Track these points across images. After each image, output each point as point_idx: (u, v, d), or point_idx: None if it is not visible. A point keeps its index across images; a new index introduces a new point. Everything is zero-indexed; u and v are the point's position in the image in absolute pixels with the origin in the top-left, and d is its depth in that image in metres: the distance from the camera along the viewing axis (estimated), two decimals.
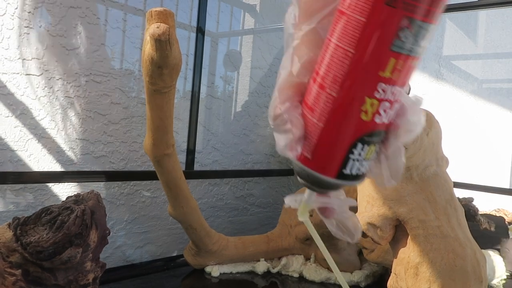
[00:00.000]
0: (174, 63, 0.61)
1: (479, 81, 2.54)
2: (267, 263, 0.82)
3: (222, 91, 1.08)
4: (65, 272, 0.49)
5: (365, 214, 0.52)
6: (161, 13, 0.59)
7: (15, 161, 0.73)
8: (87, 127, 0.81)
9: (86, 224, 0.50)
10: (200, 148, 1.02)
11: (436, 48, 2.03)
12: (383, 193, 0.53)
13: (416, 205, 0.52)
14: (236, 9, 1.11)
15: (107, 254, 0.84)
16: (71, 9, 0.77)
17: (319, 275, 0.79)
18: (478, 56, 2.54)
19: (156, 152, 0.70)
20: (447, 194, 0.55)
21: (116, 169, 0.86)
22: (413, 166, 0.54)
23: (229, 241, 0.83)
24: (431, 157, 0.56)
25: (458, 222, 0.55)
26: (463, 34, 2.29)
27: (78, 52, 0.79)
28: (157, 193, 0.93)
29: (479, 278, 0.52)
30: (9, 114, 0.72)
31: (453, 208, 0.55)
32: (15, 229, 0.48)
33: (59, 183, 0.78)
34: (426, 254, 0.51)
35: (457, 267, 0.51)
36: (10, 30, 0.71)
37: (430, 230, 0.51)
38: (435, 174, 0.56)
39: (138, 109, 0.88)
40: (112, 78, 0.84)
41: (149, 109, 0.67)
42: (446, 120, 0.76)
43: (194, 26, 0.96)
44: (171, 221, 0.94)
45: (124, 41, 0.86)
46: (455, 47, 2.22)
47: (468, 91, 2.41)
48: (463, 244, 0.52)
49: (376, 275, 0.81)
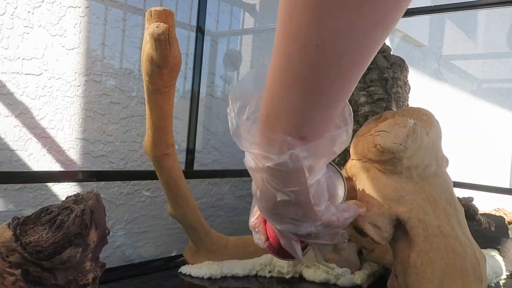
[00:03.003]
0: (173, 63, 0.61)
1: (479, 81, 2.54)
2: (267, 263, 0.82)
3: (222, 90, 1.08)
4: (65, 272, 0.49)
5: (365, 214, 0.52)
6: (160, 13, 0.58)
7: (14, 160, 0.73)
8: (87, 127, 0.81)
9: (86, 224, 0.49)
10: (199, 148, 1.02)
11: (436, 48, 2.03)
12: (383, 193, 0.53)
13: (416, 205, 0.52)
14: (236, 8, 1.10)
15: (107, 253, 0.84)
16: (71, 8, 0.77)
17: (319, 275, 0.79)
18: (478, 56, 2.54)
19: (156, 151, 0.70)
20: (447, 194, 0.55)
21: (115, 168, 0.86)
22: (413, 166, 0.54)
23: (229, 241, 0.83)
24: (431, 157, 0.56)
25: (458, 222, 0.54)
26: (463, 34, 2.29)
27: (78, 51, 0.79)
28: (157, 192, 0.93)
29: (479, 278, 0.52)
30: (9, 113, 0.72)
31: (453, 207, 0.55)
32: (15, 228, 0.48)
33: (59, 183, 0.78)
34: (426, 254, 0.51)
35: (457, 267, 0.51)
36: (10, 30, 0.70)
37: (430, 229, 0.51)
38: (435, 174, 0.56)
39: (138, 108, 0.88)
40: (111, 78, 0.84)
41: (149, 109, 0.67)
42: (446, 120, 0.76)
43: (194, 25, 0.96)
44: (171, 221, 0.94)
45: (123, 41, 0.86)
46: (455, 47, 2.22)
47: (468, 91, 2.41)
48: (463, 244, 0.52)
49: (376, 275, 0.81)
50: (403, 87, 0.89)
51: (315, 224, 0.41)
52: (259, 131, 0.36)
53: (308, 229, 0.41)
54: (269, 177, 0.37)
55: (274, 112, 0.34)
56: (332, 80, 0.31)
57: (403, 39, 1.76)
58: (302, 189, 0.37)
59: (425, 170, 0.55)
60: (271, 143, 0.35)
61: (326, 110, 0.34)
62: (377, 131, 0.55)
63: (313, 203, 0.39)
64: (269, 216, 0.42)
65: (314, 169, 0.37)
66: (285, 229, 0.42)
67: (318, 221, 0.41)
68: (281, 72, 0.32)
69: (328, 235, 0.44)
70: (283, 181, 0.37)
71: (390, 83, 0.86)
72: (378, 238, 0.52)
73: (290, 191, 0.37)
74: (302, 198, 0.38)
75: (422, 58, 1.91)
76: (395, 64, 0.90)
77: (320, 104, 0.33)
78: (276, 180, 0.37)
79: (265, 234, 0.49)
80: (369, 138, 0.56)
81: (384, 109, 0.85)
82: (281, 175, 0.36)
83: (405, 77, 0.92)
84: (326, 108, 0.33)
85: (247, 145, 0.37)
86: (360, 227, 0.52)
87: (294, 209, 0.39)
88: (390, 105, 0.86)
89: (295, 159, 0.35)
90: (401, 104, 0.88)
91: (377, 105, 0.85)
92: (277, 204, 0.39)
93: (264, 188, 0.38)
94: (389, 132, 0.53)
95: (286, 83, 0.32)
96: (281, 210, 0.40)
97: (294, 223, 0.41)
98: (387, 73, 0.86)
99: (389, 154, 0.53)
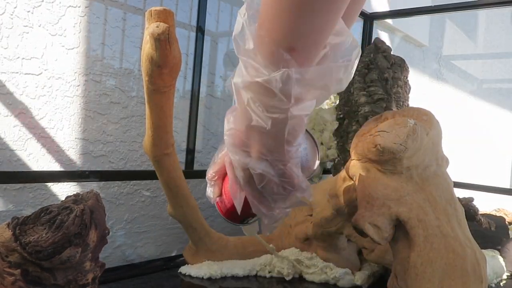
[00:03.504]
0: (173, 63, 0.61)
1: (479, 81, 2.54)
2: (267, 263, 0.82)
3: (222, 90, 1.08)
4: (64, 272, 0.49)
5: (365, 214, 0.52)
6: (160, 12, 0.58)
7: (14, 160, 0.73)
8: (87, 127, 0.81)
9: (86, 224, 0.49)
10: (199, 148, 1.02)
11: (436, 48, 2.03)
12: (383, 193, 0.53)
13: (416, 205, 0.52)
14: (236, 8, 1.10)
15: (107, 253, 0.84)
16: (71, 8, 0.77)
17: (319, 276, 0.79)
18: (478, 56, 2.54)
19: (156, 151, 0.70)
20: (447, 194, 0.55)
21: (115, 168, 0.86)
22: (413, 166, 0.54)
23: (229, 241, 0.83)
24: (431, 157, 0.56)
25: (458, 222, 0.54)
26: (463, 34, 2.29)
27: (78, 51, 0.79)
28: (156, 192, 0.93)
29: (479, 278, 0.52)
30: (8, 113, 0.72)
31: (453, 208, 0.55)
32: (14, 228, 0.47)
33: (59, 183, 0.78)
34: (426, 254, 0.51)
35: (457, 267, 0.51)
36: (9, 29, 0.70)
37: (430, 229, 0.51)
38: (435, 174, 0.56)
39: (137, 108, 0.88)
40: (111, 78, 0.84)
41: (149, 109, 0.67)
42: (446, 120, 0.76)
43: (194, 25, 0.96)
44: (171, 220, 0.94)
45: (123, 41, 0.86)
46: (455, 47, 2.22)
47: (468, 91, 2.41)
48: (463, 244, 0.52)
49: (376, 275, 0.81)
50: (403, 87, 0.89)
51: (273, 167, 0.38)
52: (257, 38, 0.34)
53: (264, 169, 0.38)
54: (253, 96, 0.35)
55: (267, 19, 0.33)
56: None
57: (403, 39, 1.76)
58: (281, 118, 0.35)
59: (425, 170, 0.55)
60: (267, 56, 0.34)
61: (315, 18, 0.32)
62: (377, 131, 0.55)
63: (286, 139, 0.37)
64: (234, 142, 0.39)
65: (300, 99, 0.35)
66: (240, 161, 0.39)
67: (279, 164, 0.38)
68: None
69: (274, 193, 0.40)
70: (266, 103, 0.35)
71: (390, 83, 0.86)
72: (378, 238, 0.52)
73: (268, 117, 0.35)
74: (277, 129, 0.36)
75: (422, 58, 1.91)
76: (395, 64, 0.90)
77: (308, 9, 0.32)
78: (258, 101, 0.35)
79: (220, 189, 0.47)
80: (369, 138, 0.56)
81: (384, 109, 0.85)
82: (266, 95, 0.35)
83: (405, 77, 0.92)
84: (315, 16, 0.32)
85: (244, 51, 0.35)
86: (360, 227, 0.52)
87: (264, 139, 0.37)
88: (390, 105, 0.86)
89: (286, 78, 0.33)
90: (401, 104, 0.88)
91: (377, 105, 0.85)
92: (250, 130, 0.37)
93: (243, 109, 0.37)
94: (389, 132, 0.53)
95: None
96: (251, 137, 0.38)
97: (255, 157, 0.38)
98: (387, 73, 0.86)
99: (389, 154, 0.53)
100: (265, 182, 0.39)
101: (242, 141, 0.39)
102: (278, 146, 0.37)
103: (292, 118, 0.36)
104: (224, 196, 0.47)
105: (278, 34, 0.33)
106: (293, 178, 0.40)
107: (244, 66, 0.35)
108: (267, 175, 0.39)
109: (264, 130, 0.36)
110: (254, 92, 0.35)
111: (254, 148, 0.38)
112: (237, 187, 0.42)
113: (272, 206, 0.42)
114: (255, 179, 0.39)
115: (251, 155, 0.39)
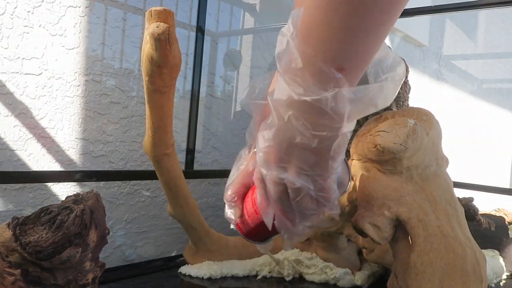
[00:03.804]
0: (173, 63, 0.61)
1: (479, 81, 2.54)
2: (267, 263, 0.82)
3: (222, 90, 1.08)
4: (65, 272, 0.49)
5: (365, 214, 0.52)
6: (160, 12, 0.58)
7: (14, 160, 0.73)
8: (87, 127, 0.81)
9: (86, 224, 0.49)
10: (199, 148, 1.02)
11: (436, 48, 2.03)
12: (383, 193, 0.53)
13: (416, 205, 0.52)
14: (236, 8, 1.10)
15: (107, 253, 0.84)
16: (71, 8, 0.77)
17: (319, 276, 0.79)
18: (478, 56, 2.54)
19: (156, 151, 0.70)
20: (447, 194, 0.55)
21: (115, 168, 0.86)
22: (413, 166, 0.54)
23: (229, 241, 0.83)
24: (431, 157, 0.56)
25: (458, 222, 0.54)
26: (463, 34, 2.29)
27: (78, 51, 0.79)
28: (156, 192, 0.93)
29: (479, 278, 0.52)
30: (8, 113, 0.72)
31: (453, 208, 0.55)
32: (14, 228, 0.47)
33: (59, 183, 0.78)
34: (426, 254, 0.51)
35: (457, 267, 0.51)
36: (10, 30, 0.70)
37: (430, 229, 0.51)
38: (435, 174, 0.56)
39: (137, 108, 0.88)
40: (111, 78, 0.84)
41: (149, 109, 0.67)
42: (446, 120, 0.76)
43: (194, 25, 0.96)
44: (170, 220, 0.94)
45: (123, 41, 0.86)
46: (455, 47, 2.22)
47: (468, 91, 2.41)
48: (463, 244, 0.52)
49: (376, 275, 0.81)
50: (403, 87, 0.89)
51: (313, 182, 0.37)
52: (304, 56, 0.32)
53: (303, 183, 0.37)
54: (297, 113, 0.33)
55: (317, 38, 0.32)
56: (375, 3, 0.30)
57: (404, 39, 1.76)
58: (330, 135, 0.34)
59: (425, 170, 0.55)
60: (316, 75, 0.32)
61: (367, 38, 0.32)
62: (377, 131, 0.55)
63: (331, 155, 0.35)
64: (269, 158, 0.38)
65: (350, 117, 0.34)
66: (277, 176, 0.38)
67: (320, 179, 0.37)
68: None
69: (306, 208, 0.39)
70: (312, 122, 0.33)
71: None
72: (378, 238, 0.52)
73: (315, 135, 0.34)
74: (324, 146, 0.35)
75: (422, 58, 1.91)
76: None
77: (359, 30, 0.31)
78: (303, 119, 0.33)
79: (240, 210, 0.47)
80: (369, 138, 0.56)
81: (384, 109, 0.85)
82: (313, 113, 0.33)
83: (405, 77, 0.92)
84: (366, 37, 0.32)
85: (289, 70, 0.33)
86: (360, 227, 0.52)
87: (306, 156, 0.35)
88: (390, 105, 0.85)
89: (340, 99, 0.32)
90: (401, 104, 0.88)
91: None
92: (291, 147, 0.35)
93: (284, 126, 0.34)
94: (389, 132, 0.53)
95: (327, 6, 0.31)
96: (291, 153, 0.36)
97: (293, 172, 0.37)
98: None
99: (389, 154, 0.53)
100: (300, 196, 0.38)
101: (280, 157, 0.38)
102: (321, 162, 0.36)
103: (341, 136, 0.35)
104: (247, 216, 0.46)
105: (329, 53, 0.32)
106: (331, 193, 0.39)
107: (288, 84, 0.34)
108: (305, 189, 0.38)
109: (308, 148, 0.35)
110: (298, 110, 0.34)
111: (292, 164, 0.37)
112: (266, 204, 0.41)
113: (297, 221, 0.41)
114: (290, 193, 0.38)
115: (287, 170, 0.38)
